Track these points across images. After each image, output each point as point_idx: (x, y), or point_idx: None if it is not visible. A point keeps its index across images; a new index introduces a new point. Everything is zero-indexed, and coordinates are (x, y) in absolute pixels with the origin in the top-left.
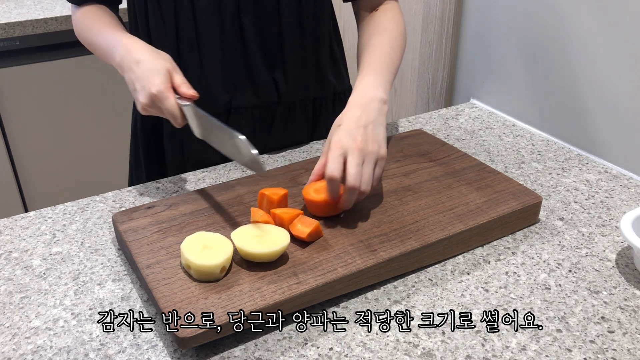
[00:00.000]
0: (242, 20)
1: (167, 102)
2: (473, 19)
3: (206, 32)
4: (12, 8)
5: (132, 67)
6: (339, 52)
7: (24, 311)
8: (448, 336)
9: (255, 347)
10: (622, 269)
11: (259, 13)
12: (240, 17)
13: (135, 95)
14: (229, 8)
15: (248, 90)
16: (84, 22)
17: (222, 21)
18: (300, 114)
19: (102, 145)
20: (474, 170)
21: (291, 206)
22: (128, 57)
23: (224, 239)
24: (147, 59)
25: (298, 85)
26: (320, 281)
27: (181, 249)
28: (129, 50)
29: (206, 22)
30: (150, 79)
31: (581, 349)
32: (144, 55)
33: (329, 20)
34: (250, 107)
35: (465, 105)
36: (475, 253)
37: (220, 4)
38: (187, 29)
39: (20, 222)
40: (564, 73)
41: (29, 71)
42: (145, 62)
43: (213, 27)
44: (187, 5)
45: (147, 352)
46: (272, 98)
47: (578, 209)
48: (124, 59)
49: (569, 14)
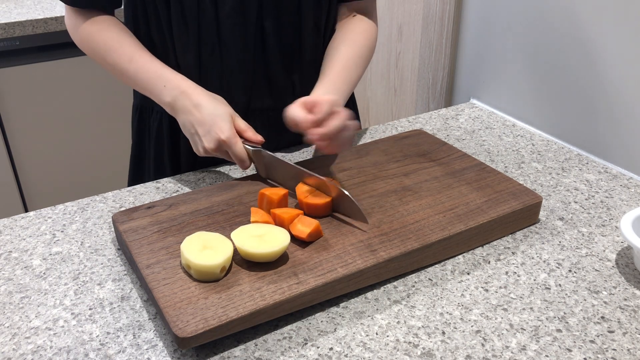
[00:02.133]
0: (264, 25)
1: (235, 148)
2: (473, 19)
3: (228, 36)
4: (12, 8)
5: (191, 111)
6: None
7: (24, 311)
8: (448, 336)
9: (255, 347)
10: (622, 269)
11: (280, 17)
12: (262, 22)
13: (195, 139)
14: (252, 13)
15: (265, 92)
16: (99, 39)
17: (245, 25)
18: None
19: (102, 145)
20: (474, 170)
21: (291, 206)
22: (184, 99)
23: (224, 238)
24: (208, 104)
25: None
26: (320, 281)
27: (181, 249)
28: (185, 93)
29: (229, 26)
30: (217, 124)
31: (581, 349)
32: (203, 100)
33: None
34: (267, 109)
35: (465, 105)
36: (475, 253)
37: (244, 10)
38: (210, 32)
39: (20, 222)
40: (564, 73)
41: (29, 71)
42: (207, 107)
43: (235, 31)
44: (210, 10)
45: (147, 352)
46: (288, 100)
47: (578, 209)
48: (179, 100)
49: (569, 14)
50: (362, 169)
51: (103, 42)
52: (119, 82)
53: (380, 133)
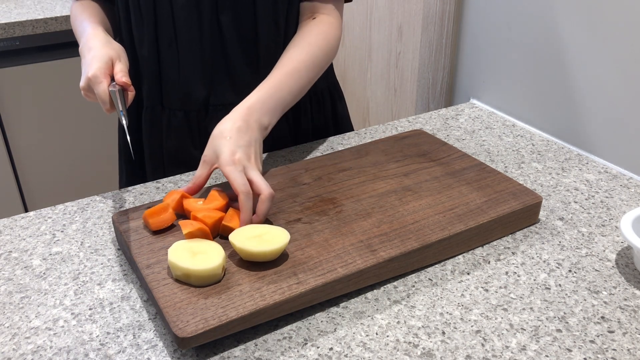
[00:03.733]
0: (219, 18)
1: (98, 87)
2: (473, 19)
3: (184, 29)
4: (12, 8)
5: (84, 54)
6: None
7: (24, 311)
8: (448, 336)
9: (255, 347)
10: (622, 269)
11: (236, 10)
12: (218, 15)
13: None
14: (207, 5)
15: (226, 87)
16: (74, 12)
17: (200, 18)
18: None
19: (102, 145)
20: (474, 170)
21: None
22: (84, 45)
23: (207, 241)
24: (97, 47)
25: None
26: (320, 281)
27: (172, 262)
28: (87, 39)
29: (184, 19)
30: (91, 64)
31: (581, 349)
32: (95, 44)
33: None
34: (228, 104)
35: (465, 105)
36: (475, 253)
37: (199, 3)
38: (166, 25)
39: (20, 222)
40: (564, 73)
41: (29, 71)
42: (94, 49)
43: (191, 24)
44: (165, 2)
45: (147, 352)
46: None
47: (578, 209)
48: (83, 46)
49: (569, 14)
50: (362, 169)
51: (73, 15)
52: None
53: (380, 133)
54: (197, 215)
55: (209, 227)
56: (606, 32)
